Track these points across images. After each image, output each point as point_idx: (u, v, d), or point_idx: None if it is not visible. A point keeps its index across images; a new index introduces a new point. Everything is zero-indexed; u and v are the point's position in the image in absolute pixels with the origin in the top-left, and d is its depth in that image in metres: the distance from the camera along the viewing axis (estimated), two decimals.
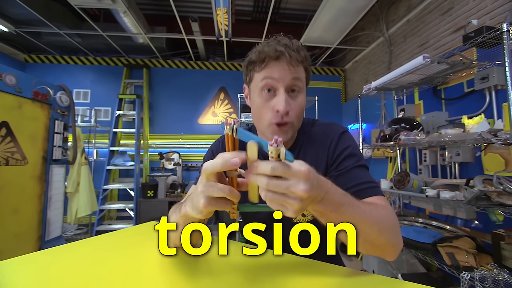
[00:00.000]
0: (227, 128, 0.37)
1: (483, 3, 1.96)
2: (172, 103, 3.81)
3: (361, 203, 0.47)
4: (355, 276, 0.48)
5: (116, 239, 0.72)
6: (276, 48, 0.55)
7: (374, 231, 0.46)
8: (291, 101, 0.57)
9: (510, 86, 1.02)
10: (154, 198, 3.10)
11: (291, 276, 0.48)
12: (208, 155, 0.73)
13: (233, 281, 0.46)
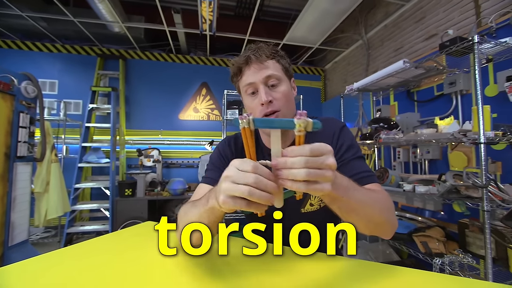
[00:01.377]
0: (243, 122, 0.37)
1: (451, 15, 2.16)
2: (150, 97, 3.64)
3: (362, 188, 0.52)
4: (360, 266, 0.52)
5: (116, 240, 0.69)
6: (244, 55, 0.65)
7: (376, 211, 0.51)
8: (272, 92, 0.63)
9: (479, 91, 1.15)
10: (133, 197, 2.95)
11: (295, 271, 0.50)
12: (216, 155, 0.76)
13: (235, 279, 0.47)
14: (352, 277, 0.48)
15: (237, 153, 0.75)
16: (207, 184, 0.69)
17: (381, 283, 0.45)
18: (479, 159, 1.17)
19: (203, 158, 3.41)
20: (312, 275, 0.48)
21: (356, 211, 0.48)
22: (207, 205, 0.46)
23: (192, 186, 3.42)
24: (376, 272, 0.50)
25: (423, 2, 2.43)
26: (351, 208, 0.47)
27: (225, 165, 0.74)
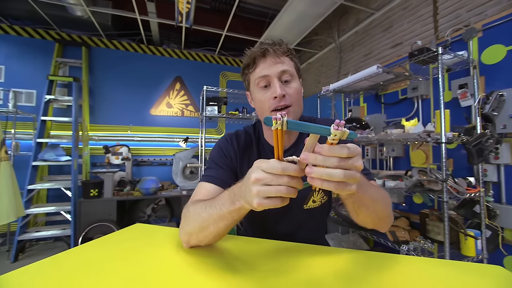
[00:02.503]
0: (277, 123, 0.36)
1: (414, 26, 2.39)
2: (118, 90, 3.37)
3: (372, 185, 0.56)
4: (362, 255, 0.57)
5: (110, 246, 0.64)
6: (261, 46, 0.65)
7: (382, 206, 0.56)
8: (285, 87, 0.64)
9: (442, 96, 1.30)
10: (99, 198, 2.72)
11: (298, 262, 0.53)
12: (218, 153, 0.74)
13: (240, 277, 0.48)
14: (363, 268, 0.52)
15: (239, 151, 0.74)
16: (210, 183, 0.68)
17: (389, 271, 0.50)
18: (440, 157, 1.34)
19: (177, 155, 3.28)
20: (324, 268, 0.51)
21: (367, 206, 0.51)
22: (234, 206, 0.47)
23: (165, 185, 3.28)
24: (380, 261, 0.55)
25: (390, 12, 2.65)
26: (363, 203, 0.50)
27: (229, 163, 0.74)
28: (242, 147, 0.75)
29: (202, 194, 0.66)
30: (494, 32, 1.69)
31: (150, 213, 3.15)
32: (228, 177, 0.70)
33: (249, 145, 0.76)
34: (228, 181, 0.68)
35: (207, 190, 0.66)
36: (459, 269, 0.52)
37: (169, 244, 0.63)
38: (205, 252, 0.57)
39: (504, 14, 1.65)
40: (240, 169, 0.74)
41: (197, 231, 0.54)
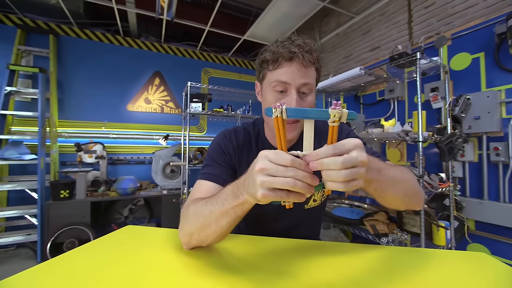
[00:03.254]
0: (277, 111, 0.37)
1: (390, 32, 2.54)
2: (92, 84, 3.14)
3: (391, 165, 0.54)
4: (370, 250, 0.59)
5: (101, 250, 0.59)
6: (290, 49, 0.57)
7: (405, 184, 0.54)
8: (301, 101, 0.60)
9: (419, 98, 1.40)
10: (70, 199, 2.52)
11: (298, 259, 0.55)
12: (216, 150, 0.72)
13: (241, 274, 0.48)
14: (375, 263, 0.54)
15: (239, 148, 0.73)
16: (209, 180, 0.66)
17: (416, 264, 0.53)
18: (415, 155, 1.44)
19: (157, 153, 3.16)
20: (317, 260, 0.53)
21: (391, 187, 0.49)
22: (237, 201, 0.44)
23: (144, 184, 3.14)
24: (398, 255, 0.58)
25: (369, 17, 2.78)
26: (386, 186, 0.48)
27: (227, 160, 0.72)
28: (241, 144, 0.73)
29: (201, 192, 0.63)
30: (461, 41, 1.86)
31: (128, 214, 3.00)
32: (227, 175, 0.68)
33: (248, 143, 0.74)
34: (228, 179, 0.67)
35: (207, 188, 0.64)
36: (447, 257, 0.56)
37: (165, 245, 0.60)
38: (204, 252, 0.56)
39: (469, 25, 1.82)
40: (239, 167, 0.72)
41: (198, 230, 0.52)
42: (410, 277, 0.46)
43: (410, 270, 0.49)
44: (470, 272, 0.49)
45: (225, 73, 4.11)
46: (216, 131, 3.90)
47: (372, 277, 0.46)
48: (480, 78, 1.72)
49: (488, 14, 1.77)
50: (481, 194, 1.68)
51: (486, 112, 1.62)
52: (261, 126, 0.76)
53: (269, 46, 0.63)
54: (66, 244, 2.42)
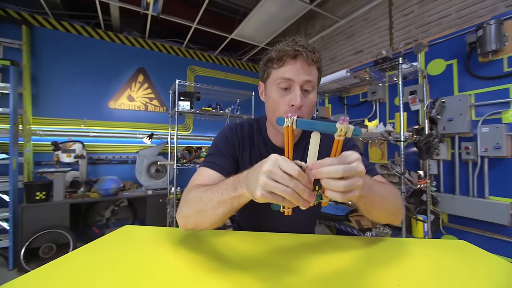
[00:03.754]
0: (288, 121, 0.40)
1: (373, 37, 2.67)
2: (69, 79, 2.96)
3: (380, 183, 0.60)
4: (355, 241, 0.64)
5: (100, 253, 0.58)
6: (294, 47, 0.61)
7: (392, 202, 0.60)
8: (304, 98, 0.63)
9: (401, 100, 1.50)
10: (47, 201, 2.37)
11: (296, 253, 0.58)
12: (222, 141, 0.75)
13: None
14: (364, 253, 0.58)
15: (243, 141, 0.76)
16: (212, 169, 0.68)
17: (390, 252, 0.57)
18: (394, 154, 1.54)
19: (141, 153, 3.06)
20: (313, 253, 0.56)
21: (378, 204, 0.55)
22: (235, 193, 0.47)
23: (127, 185, 3.03)
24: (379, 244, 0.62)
25: (352, 22, 2.90)
26: (374, 202, 0.53)
27: (231, 152, 0.75)
28: (245, 138, 0.76)
29: (203, 179, 0.65)
30: (437, 48, 2.00)
31: (110, 216, 2.88)
32: (230, 166, 0.71)
33: (251, 138, 0.77)
34: (229, 169, 0.70)
35: (209, 176, 0.66)
36: (431, 245, 0.62)
37: (166, 244, 0.61)
38: (205, 248, 0.58)
39: (444, 34, 1.97)
40: (241, 157, 0.76)
41: (195, 214, 0.54)
42: (406, 264, 0.50)
43: (405, 258, 0.54)
44: (454, 258, 0.54)
45: (211, 71, 4.07)
46: (202, 130, 3.86)
47: (368, 267, 0.50)
48: (453, 83, 1.87)
49: (460, 24, 1.93)
50: (453, 189, 1.83)
51: (458, 115, 1.77)
52: (264, 124, 0.79)
53: (274, 47, 0.66)
54: (42, 249, 2.27)
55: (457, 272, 0.47)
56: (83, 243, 2.69)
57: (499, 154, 1.58)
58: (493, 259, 0.54)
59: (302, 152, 0.76)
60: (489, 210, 1.63)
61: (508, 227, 1.57)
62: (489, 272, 0.48)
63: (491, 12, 1.77)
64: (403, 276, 0.45)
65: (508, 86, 1.60)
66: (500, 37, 1.59)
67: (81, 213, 2.59)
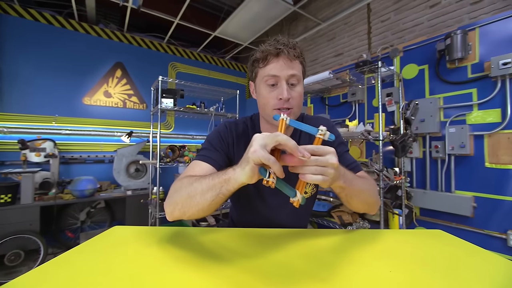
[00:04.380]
0: (284, 116, 0.51)
1: (352, 40, 2.79)
2: (39, 72, 2.75)
3: (360, 177, 0.67)
4: (345, 234, 0.68)
5: (92, 255, 0.56)
6: (276, 46, 0.66)
7: (370, 194, 0.67)
8: (291, 91, 0.67)
9: (380, 102, 1.59)
10: (13, 205, 2.18)
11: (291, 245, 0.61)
12: (216, 137, 0.76)
13: None
14: (349, 243, 0.62)
15: (237, 139, 0.77)
16: (205, 162, 0.70)
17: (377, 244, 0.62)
18: (379, 152, 1.64)
19: (120, 151, 2.93)
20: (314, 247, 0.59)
21: (357, 196, 0.62)
22: (225, 176, 0.50)
23: (104, 185, 2.89)
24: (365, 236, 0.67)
25: (333, 25, 3.01)
26: (354, 194, 0.61)
27: (225, 148, 0.77)
28: (240, 135, 0.78)
29: (195, 170, 0.67)
30: (411, 53, 2.15)
31: (85, 218, 2.72)
32: (222, 161, 0.73)
33: (246, 135, 0.79)
34: (222, 164, 0.72)
35: (201, 168, 0.68)
36: (411, 235, 0.68)
37: (160, 243, 0.59)
38: (198, 246, 0.58)
39: (417, 41, 2.12)
40: (236, 156, 0.77)
41: (183, 200, 0.56)
42: (392, 253, 0.55)
43: (390, 246, 0.58)
44: (432, 246, 0.60)
45: (193, 68, 3.99)
46: (184, 128, 3.78)
47: (357, 257, 0.54)
48: (425, 86, 2.02)
49: (431, 32, 2.09)
50: (425, 185, 1.99)
51: (429, 116, 1.92)
52: (258, 121, 0.81)
53: (258, 48, 0.70)
54: (8, 256, 2.09)
55: (438, 257, 0.53)
56: (55, 248, 2.53)
57: (464, 152, 1.75)
58: (465, 244, 0.60)
59: None
60: (455, 203, 1.79)
61: (470, 218, 1.74)
62: (463, 255, 0.54)
63: (458, 23, 1.95)
64: (394, 264, 0.49)
65: (471, 91, 1.77)
66: (465, 46, 1.75)
67: (53, 216, 2.42)
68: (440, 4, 2.07)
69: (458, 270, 0.48)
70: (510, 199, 1.59)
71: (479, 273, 0.47)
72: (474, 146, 1.75)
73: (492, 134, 1.67)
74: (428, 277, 0.44)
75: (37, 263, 2.17)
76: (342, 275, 0.45)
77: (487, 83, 1.70)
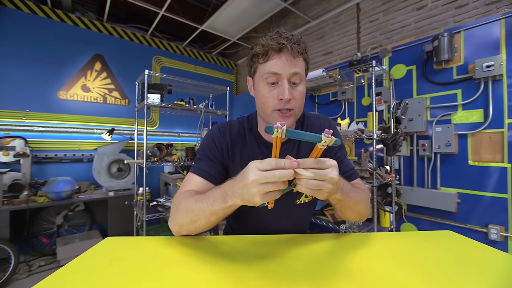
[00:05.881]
0: (278, 132, 0.43)
1: (342, 39, 2.82)
2: (7, 63, 2.48)
3: (356, 188, 0.66)
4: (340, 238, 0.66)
5: (88, 274, 0.49)
6: (278, 41, 0.59)
7: (363, 206, 0.68)
8: (293, 91, 0.61)
9: (374, 101, 1.61)
10: None
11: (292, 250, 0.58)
12: (209, 145, 0.73)
13: None
14: (349, 248, 0.60)
15: (232, 142, 0.72)
16: (199, 175, 0.69)
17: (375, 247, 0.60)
18: (372, 150, 1.66)
19: (100, 150, 2.75)
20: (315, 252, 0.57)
21: (351, 207, 0.63)
22: (225, 204, 0.52)
23: (83, 186, 2.69)
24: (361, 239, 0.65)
25: (323, 24, 3.01)
26: (349, 206, 0.62)
27: (219, 156, 0.72)
28: (235, 137, 0.73)
29: (191, 186, 0.68)
30: (399, 54, 2.20)
31: (62, 222, 2.53)
32: (216, 171, 0.71)
33: (242, 137, 0.75)
34: (216, 176, 0.70)
35: (196, 183, 0.68)
36: (419, 237, 0.67)
37: (159, 255, 0.55)
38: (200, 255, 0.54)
39: (405, 42, 2.17)
40: (232, 161, 0.73)
41: (188, 223, 0.59)
42: (409, 258, 0.53)
43: (400, 251, 0.57)
44: (445, 248, 0.59)
45: (179, 63, 3.84)
46: (170, 125, 3.63)
47: (370, 262, 0.51)
48: (413, 86, 2.08)
49: (418, 34, 2.15)
50: (412, 182, 2.06)
51: (417, 115, 1.98)
52: (255, 120, 0.76)
53: (258, 41, 0.63)
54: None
55: (454, 259, 0.52)
56: (28, 255, 2.32)
57: (449, 151, 1.82)
58: (477, 245, 0.60)
59: (297, 148, 0.75)
60: (440, 199, 1.87)
61: (454, 213, 1.83)
62: (478, 256, 0.54)
63: (443, 26, 2.02)
64: (417, 271, 0.48)
65: (456, 92, 1.85)
66: (451, 48, 1.81)
67: (25, 221, 2.21)
68: (427, 7, 2.13)
69: (474, 271, 0.47)
70: (491, 195, 1.68)
71: (500, 276, 0.46)
72: (458, 144, 1.83)
73: (475, 134, 1.75)
74: (454, 282, 0.43)
75: (7, 273, 1.97)
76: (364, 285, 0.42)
77: (471, 85, 1.78)
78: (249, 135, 0.75)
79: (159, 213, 2.05)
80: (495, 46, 1.68)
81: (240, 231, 0.81)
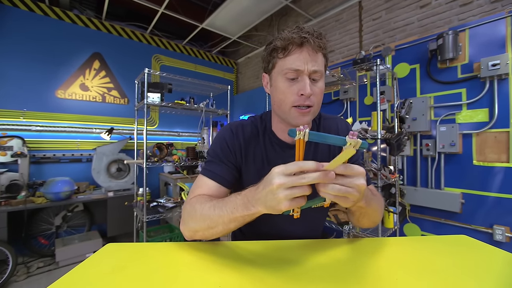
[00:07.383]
0: (300, 134, 0.41)
1: (344, 38, 2.79)
2: (4, 61, 2.44)
3: (374, 195, 0.64)
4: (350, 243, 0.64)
5: (92, 282, 0.46)
6: (300, 34, 0.58)
7: (378, 213, 0.67)
8: (313, 87, 0.60)
9: (379, 100, 1.58)
10: None
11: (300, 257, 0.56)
12: (221, 145, 0.70)
13: None
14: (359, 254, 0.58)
15: (245, 143, 0.70)
16: (211, 179, 0.66)
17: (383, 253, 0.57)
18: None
19: (99, 150, 2.71)
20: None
21: (369, 215, 0.62)
22: (248, 212, 0.49)
23: (82, 186, 2.66)
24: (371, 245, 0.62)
25: (325, 22, 2.98)
26: (366, 214, 0.60)
27: (232, 158, 0.70)
28: (248, 138, 0.71)
29: (203, 189, 0.66)
30: (402, 52, 2.18)
31: (61, 223, 2.49)
32: (229, 174, 0.69)
33: (255, 137, 0.72)
34: (229, 179, 0.68)
35: (208, 187, 0.66)
36: (434, 242, 0.65)
37: (164, 261, 0.53)
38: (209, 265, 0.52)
39: (408, 40, 2.15)
40: (245, 162, 0.71)
41: (204, 229, 0.57)
42: (422, 265, 0.51)
43: (419, 258, 0.55)
44: (463, 254, 0.57)
45: (179, 62, 3.80)
46: (169, 125, 3.59)
47: (378, 268, 0.49)
48: (416, 85, 2.06)
49: (421, 32, 2.13)
50: (415, 182, 2.04)
51: (421, 115, 1.95)
52: (269, 120, 0.73)
53: (278, 35, 0.62)
54: None
55: (475, 267, 0.50)
56: (26, 257, 2.29)
57: (454, 151, 1.80)
58: (492, 249, 0.58)
59: (312, 151, 0.73)
60: (444, 199, 1.85)
61: (458, 214, 1.81)
62: (495, 261, 0.52)
63: (447, 24, 1.99)
64: (443, 279, 0.45)
65: (461, 91, 1.82)
66: (456, 46, 1.79)
67: (23, 222, 2.18)
68: (430, 5, 2.10)
69: (495, 279, 0.44)
70: (496, 195, 1.66)
71: None
72: (463, 144, 1.81)
73: (480, 133, 1.73)
74: None
75: (5, 275, 1.94)
76: None
77: (476, 84, 1.76)
78: (263, 134, 0.73)
79: (160, 214, 2.02)
80: (500, 45, 1.66)
81: (251, 235, 0.78)
